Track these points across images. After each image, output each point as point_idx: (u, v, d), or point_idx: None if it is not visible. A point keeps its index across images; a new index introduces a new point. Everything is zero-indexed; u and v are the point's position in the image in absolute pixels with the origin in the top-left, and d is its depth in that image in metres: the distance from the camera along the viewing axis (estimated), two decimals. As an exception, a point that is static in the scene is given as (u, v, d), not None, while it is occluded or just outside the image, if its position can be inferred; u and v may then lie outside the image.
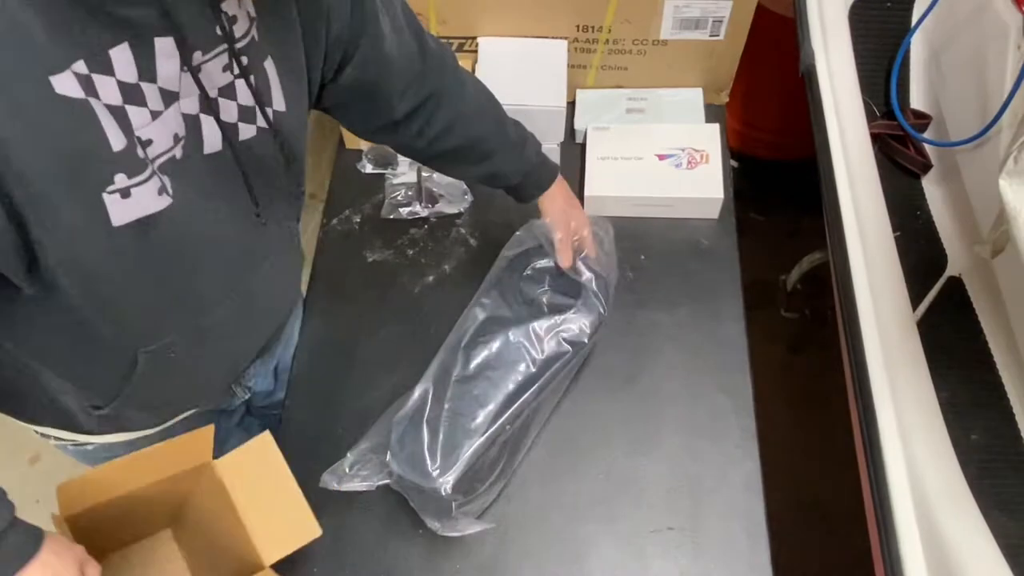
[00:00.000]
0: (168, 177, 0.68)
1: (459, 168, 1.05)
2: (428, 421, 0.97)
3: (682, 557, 0.98)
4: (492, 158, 1.02)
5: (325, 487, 0.95)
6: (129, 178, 0.64)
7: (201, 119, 0.70)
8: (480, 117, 1.00)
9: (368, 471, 0.97)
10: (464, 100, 0.98)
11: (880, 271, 1.02)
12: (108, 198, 0.63)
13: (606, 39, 1.27)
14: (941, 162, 1.23)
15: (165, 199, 0.68)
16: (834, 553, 1.63)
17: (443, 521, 0.93)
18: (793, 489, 1.56)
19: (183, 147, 0.69)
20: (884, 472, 0.89)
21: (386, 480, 0.96)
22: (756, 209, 2.07)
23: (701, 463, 1.04)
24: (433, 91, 0.95)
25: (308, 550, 1.00)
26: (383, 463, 0.97)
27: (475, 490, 0.96)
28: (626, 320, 1.15)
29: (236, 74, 0.71)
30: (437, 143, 0.98)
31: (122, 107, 0.62)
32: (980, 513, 0.85)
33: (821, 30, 1.23)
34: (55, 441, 0.96)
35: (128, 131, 0.63)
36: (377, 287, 1.21)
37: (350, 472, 0.97)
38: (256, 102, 0.74)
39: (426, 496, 0.95)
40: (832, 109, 1.16)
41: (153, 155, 0.66)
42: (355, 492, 1.03)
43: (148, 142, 0.65)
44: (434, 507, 0.94)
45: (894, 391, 0.93)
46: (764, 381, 1.15)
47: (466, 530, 0.92)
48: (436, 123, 0.97)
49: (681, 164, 1.24)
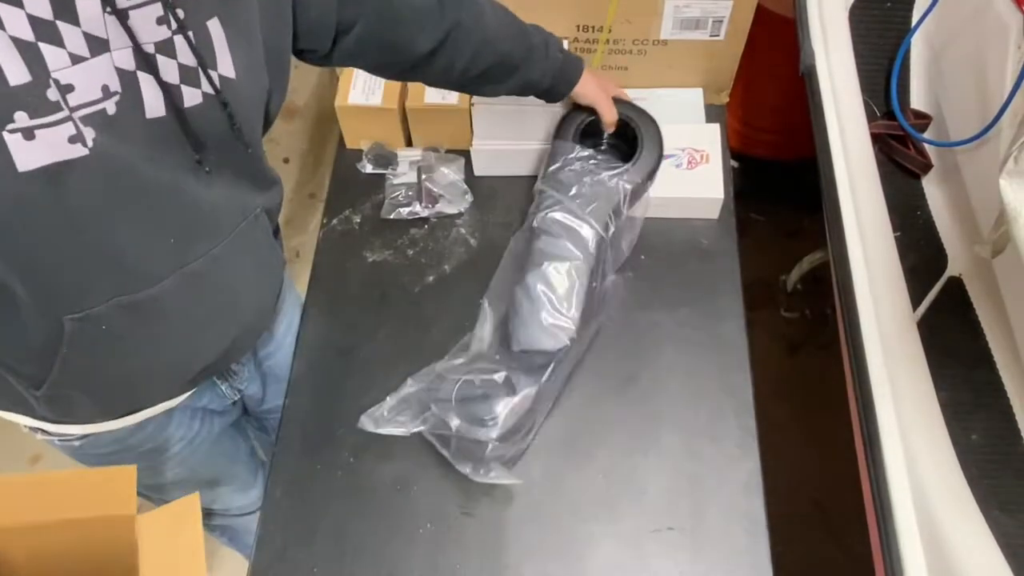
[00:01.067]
0: (93, 130, 0.65)
1: (490, 87, 1.06)
2: (481, 371, 1.01)
3: (682, 557, 0.98)
4: (521, 70, 1.04)
5: (362, 428, 0.99)
6: (31, 118, 0.61)
7: (139, 77, 0.67)
8: (503, 35, 1.01)
9: (405, 417, 1.00)
10: (485, 24, 0.98)
11: (880, 271, 1.02)
12: (9, 138, 0.61)
13: (606, 39, 1.27)
14: (941, 162, 1.23)
15: (79, 148, 0.65)
16: (834, 553, 1.64)
17: (475, 466, 0.97)
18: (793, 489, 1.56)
19: (118, 104, 0.66)
20: (884, 472, 0.89)
21: (420, 428, 1.00)
22: (756, 209, 2.07)
23: (701, 463, 1.04)
24: (453, 24, 0.95)
25: (308, 550, 1.00)
26: (422, 410, 1.00)
27: (509, 439, 0.99)
28: (626, 320, 1.15)
29: (173, 29, 0.67)
30: (467, 72, 1.00)
31: (34, 43, 0.60)
32: (980, 513, 0.85)
33: (821, 30, 1.23)
34: (42, 435, 0.96)
35: (37, 69, 0.61)
36: (377, 287, 1.22)
37: (387, 416, 0.99)
38: (199, 63, 0.70)
39: (463, 443, 0.98)
40: (832, 109, 1.16)
41: (75, 103, 0.63)
42: (356, 487, 1.04)
43: (68, 87, 0.63)
44: (467, 453, 0.98)
45: (894, 391, 0.93)
46: (764, 381, 1.15)
47: (497, 479, 0.97)
48: (462, 54, 0.98)
49: (681, 164, 1.24)
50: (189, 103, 0.71)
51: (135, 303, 0.78)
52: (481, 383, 1.01)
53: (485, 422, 0.98)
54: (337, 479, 1.05)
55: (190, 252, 0.80)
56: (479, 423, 0.98)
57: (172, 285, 0.80)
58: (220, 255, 0.83)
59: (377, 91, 1.27)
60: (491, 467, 0.97)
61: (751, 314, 1.17)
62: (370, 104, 1.27)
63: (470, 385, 1.01)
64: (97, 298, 0.76)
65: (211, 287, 0.85)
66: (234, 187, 0.82)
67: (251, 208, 0.87)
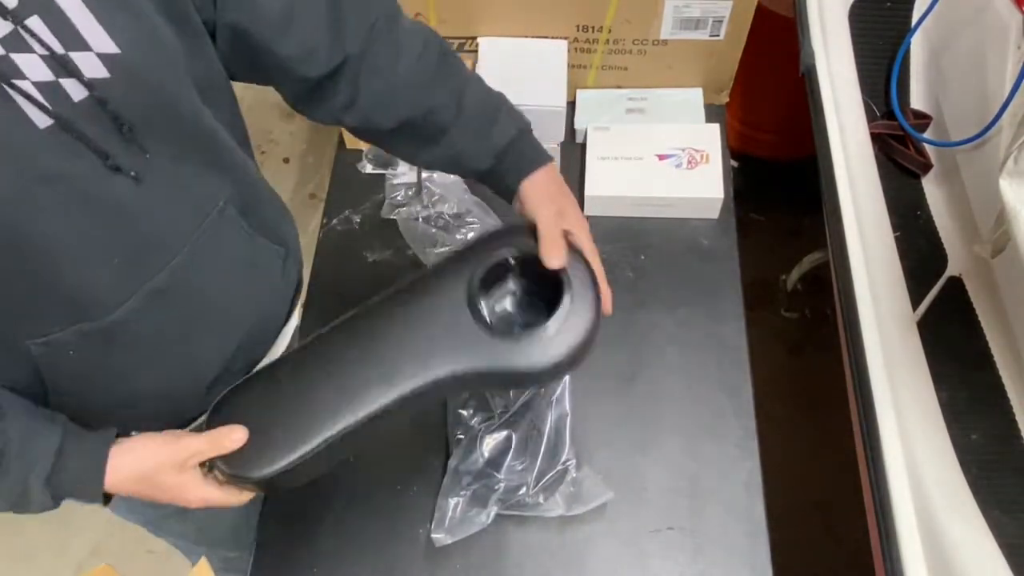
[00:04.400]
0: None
1: (414, 150, 0.88)
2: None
3: (682, 557, 0.98)
4: (448, 135, 0.84)
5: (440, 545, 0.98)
6: None
7: (6, 89, 0.58)
8: (425, 87, 0.83)
9: (474, 511, 0.99)
10: (397, 68, 0.82)
11: (880, 271, 1.02)
12: None
13: (606, 39, 1.27)
14: (941, 162, 1.23)
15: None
16: (834, 553, 1.64)
17: (567, 503, 1.00)
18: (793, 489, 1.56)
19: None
20: (884, 472, 0.89)
21: (495, 510, 1.00)
22: (756, 209, 2.07)
23: (701, 463, 1.04)
24: (351, 55, 0.81)
25: (308, 550, 1.00)
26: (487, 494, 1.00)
27: None
28: (626, 320, 1.15)
29: (12, 20, 0.57)
30: (373, 119, 0.84)
31: None
32: (980, 513, 0.85)
33: (821, 30, 1.23)
34: None
35: None
36: (377, 287, 1.21)
37: (459, 517, 0.99)
38: (64, 48, 0.60)
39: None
40: (832, 109, 1.16)
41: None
42: (356, 487, 1.04)
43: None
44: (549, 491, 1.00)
45: (894, 391, 0.93)
46: (764, 381, 1.15)
47: (593, 501, 0.99)
48: (364, 95, 0.82)
49: (681, 164, 1.24)
50: (77, 97, 0.62)
51: (101, 329, 0.72)
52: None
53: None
54: (337, 479, 1.05)
55: (143, 270, 0.73)
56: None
57: (137, 306, 0.73)
58: (182, 265, 0.75)
59: (377, 91, 1.27)
60: (578, 494, 0.99)
61: (751, 314, 1.16)
62: (370, 104, 1.26)
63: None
64: (53, 325, 0.71)
65: (184, 301, 0.78)
66: (176, 182, 0.73)
67: (211, 203, 0.77)
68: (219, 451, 0.76)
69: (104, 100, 0.63)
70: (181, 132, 0.72)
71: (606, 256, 1.21)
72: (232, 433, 0.76)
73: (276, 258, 0.91)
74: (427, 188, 1.27)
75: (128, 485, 0.75)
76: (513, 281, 0.84)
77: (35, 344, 0.71)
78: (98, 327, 0.72)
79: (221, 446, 0.76)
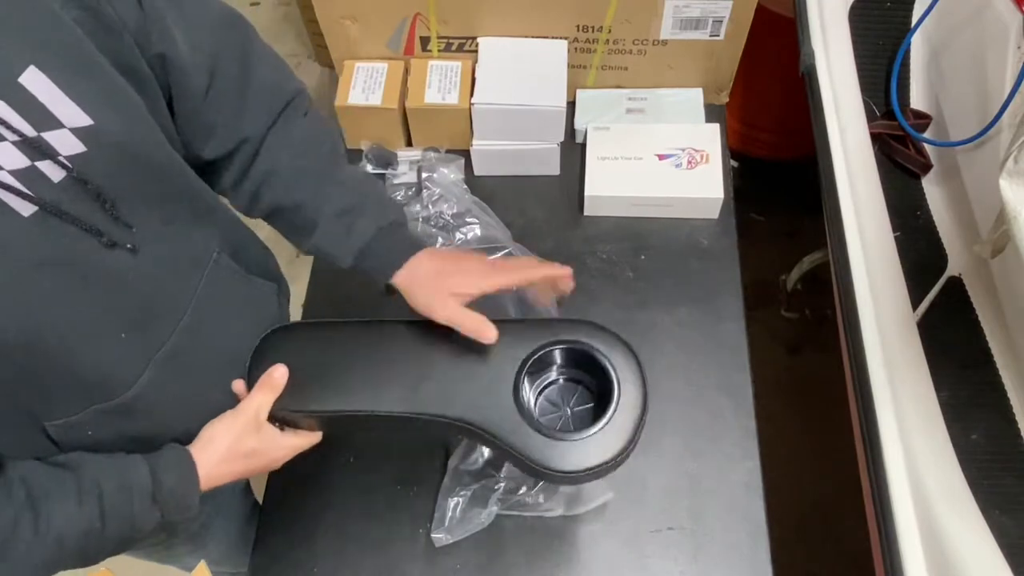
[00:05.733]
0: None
1: (293, 237, 0.84)
2: None
3: (682, 557, 0.98)
4: (315, 231, 0.81)
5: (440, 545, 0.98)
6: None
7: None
8: (297, 178, 0.81)
9: (474, 511, 0.99)
10: (281, 155, 0.80)
11: (880, 271, 1.02)
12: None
13: (606, 39, 1.27)
14: (941, 162, 1.23)
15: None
16: (834, 553, 1.64)
17: (568, 503, 1.00)
18: (793, 489, 1.56)
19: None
20: (884, 472, 0.89)
21: (495, 510, 0.99)
22: (756, 209, 2.07)
23: (701, 463, 1.04)
24: (249, 137, 0.78)
25: (308, 550, 1.00)
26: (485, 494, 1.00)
27: None
28: (626, 320, 1.15)
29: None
30: (256, 204, 0.82)
31: None
32: (980, 513, 0.85)
33: (821, 30, 1.23)
34: None
35: None
36: (377, 287, 1.21)
37: (459, 517, 0.99)
38: (36, 129, 0.57)
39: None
40: (832, 109, 1.16)
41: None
42: (356, 487, 1.04)
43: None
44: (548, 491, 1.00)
45: (894, 391, 0.93)
46: (764, 381, 1.15)
47: (596, 500, 0.99)
48: (251, 178, 0.80)
49: (681, 164, 1.24)
50: (56, 178, 0.60)
51: (118, 406, 0.72)
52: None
53: None
54: (337, 479, 1.05)
55: (153, 337, 0.73)
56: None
57: (152, 378, 0.73)
58: (189, 325, 0.75)
59: (377, 91, 1.27)
60: (578, 494, 0.99)
61: (751, 314, 1.17)
62: (370, 104, 1.27)
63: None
64: (70, 409, 0.70)
65: (195, 360, 0.77)
66: (171, 242, 0.73)
67: (206, 254, 0.78)
68: (275, 392, 0.78)
69: (84, 177, 0.61)
70: (165, 189, 0.71)
71: (606, 256, 1.23)
72: (274, 371, 0.78)
73: (271, 294, 0.93)
74: (427, 188, 1.27)
75: (220, 469, 0.76)
76: (559, 370, 0.84)
77: (53, 426, 0.71)
78: (114, 405, 0.72)
79: (275, 386, 0.78)
